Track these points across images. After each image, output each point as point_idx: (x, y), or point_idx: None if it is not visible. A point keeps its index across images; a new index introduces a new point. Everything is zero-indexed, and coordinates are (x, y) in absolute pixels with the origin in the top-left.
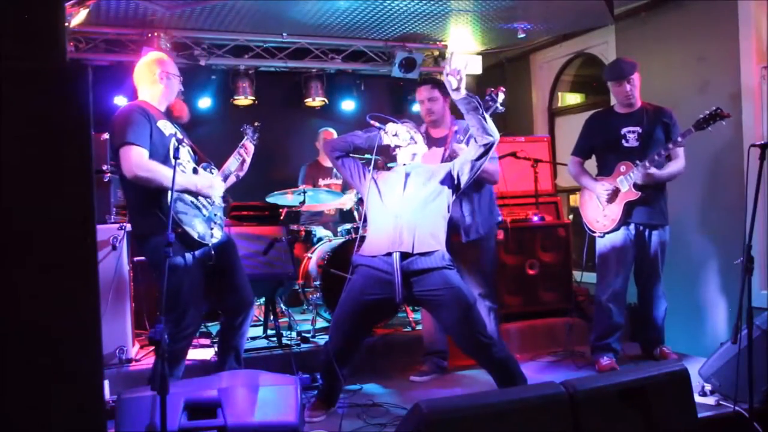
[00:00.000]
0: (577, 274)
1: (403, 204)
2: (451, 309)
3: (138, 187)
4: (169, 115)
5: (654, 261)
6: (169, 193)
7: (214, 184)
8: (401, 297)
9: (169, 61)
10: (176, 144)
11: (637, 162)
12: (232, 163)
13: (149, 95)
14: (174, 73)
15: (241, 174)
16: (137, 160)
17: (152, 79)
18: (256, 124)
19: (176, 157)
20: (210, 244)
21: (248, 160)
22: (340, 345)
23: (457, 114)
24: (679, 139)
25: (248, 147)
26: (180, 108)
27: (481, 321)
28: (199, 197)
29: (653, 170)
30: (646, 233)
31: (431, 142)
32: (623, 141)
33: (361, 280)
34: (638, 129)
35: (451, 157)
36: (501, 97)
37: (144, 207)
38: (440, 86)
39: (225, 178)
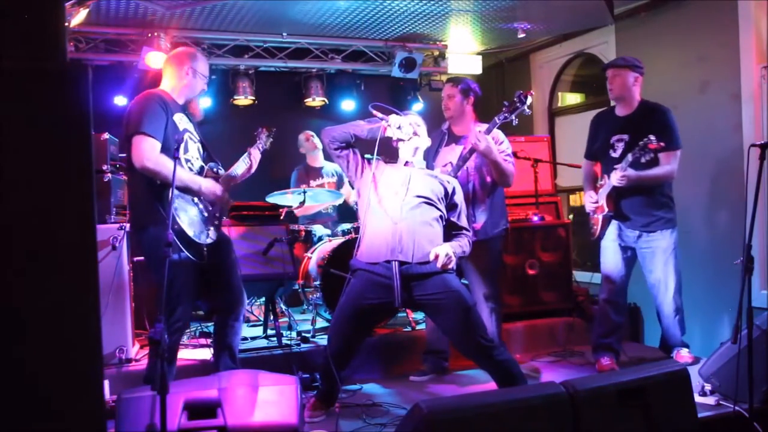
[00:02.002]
0: (576, 274)
1: (402, 209)
2: (452, 312)
3: (143, 178)
4: (185, 109)
5: (656, 266)
6: (172, 189)
7: (218, 193)
8: (401, 301)
9: (202, 59)
10: (177, 144)
11: (612, 172)
12: (239, 166)
13: (170, 86)
14: (202, 72)
15: (245, 177)
16: (148, 152)
17: (179, 73)
18: (272, 129)
19: (176, 157)
20: (204, 244)
21: (254, 166)
22: (339, 348)
23: (482, 117)
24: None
25: (254, 154)
26: (194, 106)
27: (481, 324)
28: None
29: (628, 171)
30: (643, 238)
31: (451, 138)
32: (611, 151)
33: (360, 284)
34: (625, 137)
35: (471, 152)
36: (529, 100)
37: (146, 198)
38: (459, 85)
39: (229, 180)
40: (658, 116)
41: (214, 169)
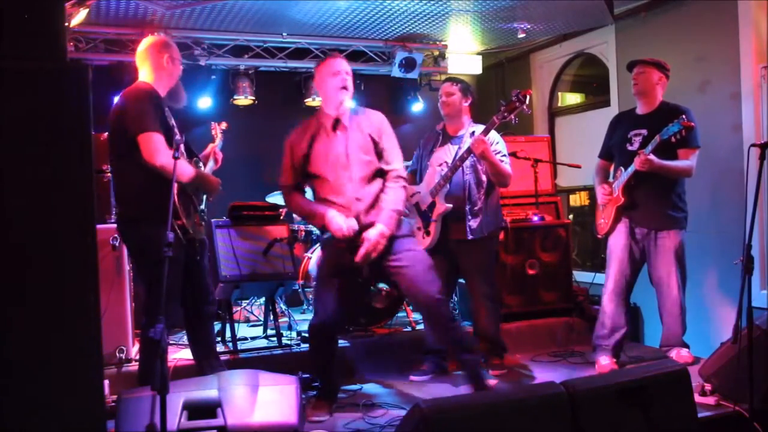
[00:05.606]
0: (576, 274)
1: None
2: (410, 268)
3: (143, 172)
4: (166, 100)
5: (660, 264)
6: (178, 186)
7: (212, 191)
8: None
9: (173, 45)
10: (177, 143)
11: (636, 157)
12: (209, 166)
13: (151, 79)
14: (178, 57)
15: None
16: (163, 147)
17: (159, 64)
18: (222, 125)
19: (176, 157)
20: (197, 240)
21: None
22: (322, 317)
23: (476, 118)
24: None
25: (219, 154)
26: (179, 92)
27: (437, 281)
28: (196, 193)
29: (651, 156)
30: (651, 236)
31: (446, 138)
32: (627, 144)
33: (326, 252)
34: (644, 132)
35: (468, 153)
36: (527, 99)
37: (146, 192)
38: (460, 84)
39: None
40: (678, 115)
41: (198, 165)
